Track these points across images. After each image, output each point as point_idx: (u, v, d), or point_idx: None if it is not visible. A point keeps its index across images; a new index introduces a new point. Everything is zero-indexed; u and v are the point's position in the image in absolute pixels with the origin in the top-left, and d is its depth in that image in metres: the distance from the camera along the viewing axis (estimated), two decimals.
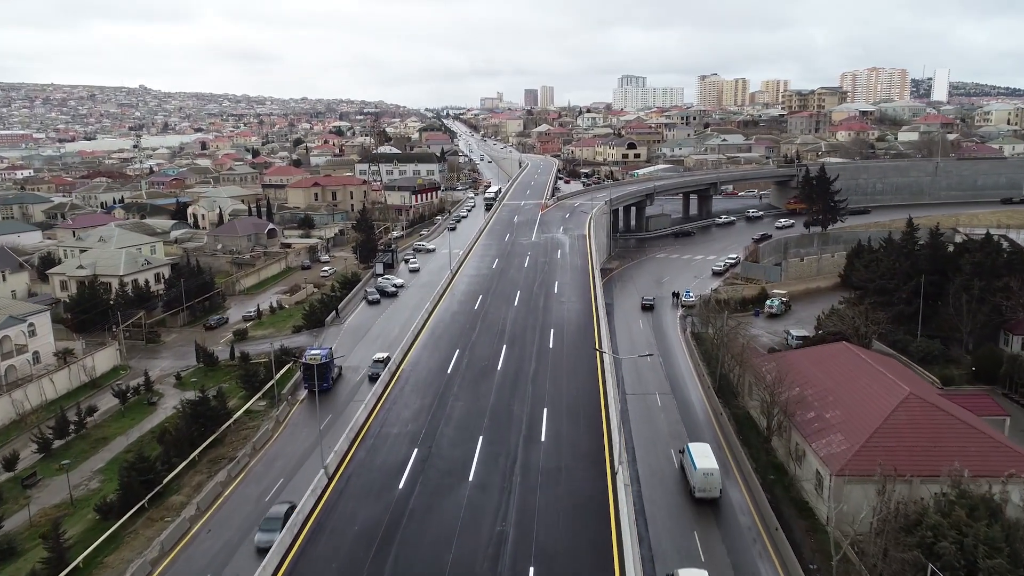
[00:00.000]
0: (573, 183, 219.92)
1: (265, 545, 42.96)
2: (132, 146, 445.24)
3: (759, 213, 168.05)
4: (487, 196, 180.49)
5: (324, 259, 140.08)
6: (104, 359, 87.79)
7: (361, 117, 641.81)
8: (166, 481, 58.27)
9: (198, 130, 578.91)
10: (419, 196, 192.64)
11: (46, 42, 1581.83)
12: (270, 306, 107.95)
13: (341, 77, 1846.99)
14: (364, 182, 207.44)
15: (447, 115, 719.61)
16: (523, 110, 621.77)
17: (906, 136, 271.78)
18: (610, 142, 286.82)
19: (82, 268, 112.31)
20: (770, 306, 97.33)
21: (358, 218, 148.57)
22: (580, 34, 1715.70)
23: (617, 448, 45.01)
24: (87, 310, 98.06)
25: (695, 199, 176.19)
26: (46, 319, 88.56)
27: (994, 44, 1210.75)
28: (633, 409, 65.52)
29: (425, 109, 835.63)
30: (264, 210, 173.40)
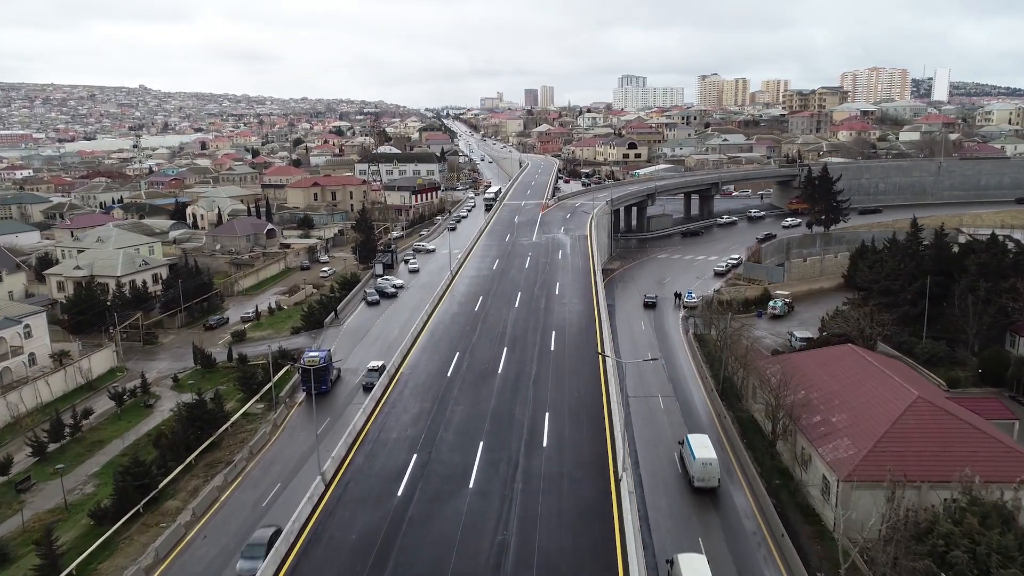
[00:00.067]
0: (573, 183, 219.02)
1: (247, 574, 40.68)
2: (132, 146, 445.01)
3: (761, 213, 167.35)
4: (487, 196, 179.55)
5: (323, 259, 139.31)
6: (101, 361, 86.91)
7: (361, 117, 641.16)
8: (162, 486, 57.40)
9: (198, 130, 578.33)
10: (419, 196, 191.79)
11: (46, 42, 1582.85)
12: (268, 307, 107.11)
13: (341, 77, 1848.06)
14: (364, 182, 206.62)
15: (447, 115, 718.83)
16: (523, 110, 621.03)
17: (907, 136, 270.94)
18: (611, 142, 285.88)
19: (79, 269, 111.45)
20: (773, 307, 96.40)
21: (358, 218, 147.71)
22: (580, 34, 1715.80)
23: (621, 453, 44.08)
24: (84, 311, 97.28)
25: (696, 199, 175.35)
26: (42, 320, 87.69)
27: (994, 44, 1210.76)
28: (635, 412, 64.61)
29: (425, 109, 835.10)
30: (263, 210, 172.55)
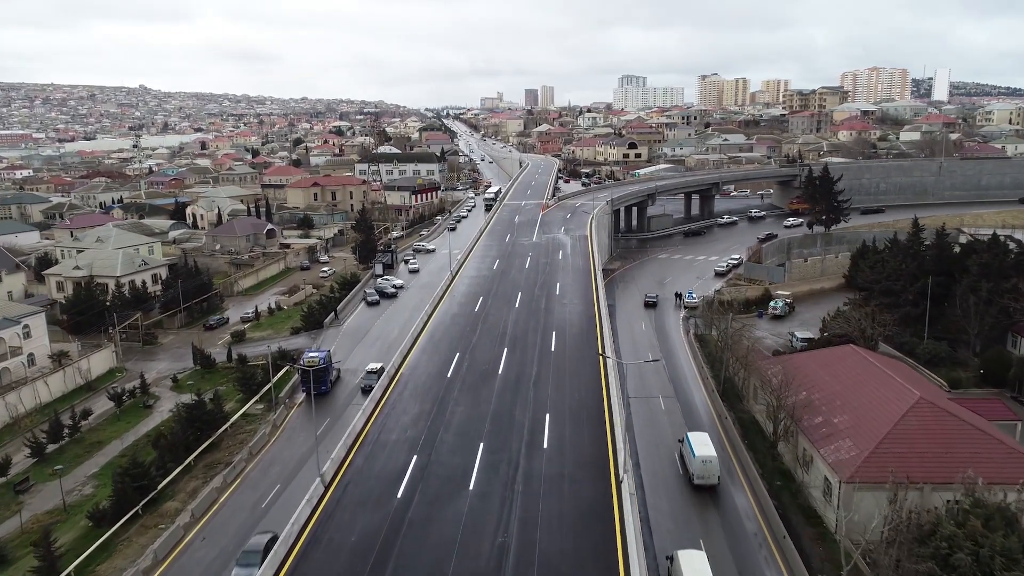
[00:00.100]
0: (574, 183, 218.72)
1: None
2: (132, 146, 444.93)
3: (761, 213, 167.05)
4: (487, 196, 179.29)
5: (323, 259, 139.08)
6: (100, 361, 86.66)
7: (361, 117, 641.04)
8: (161, 487, 57.16)
9: (198, 130, 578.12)
10: (419, 196, 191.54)
11: (46, 42, 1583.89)
12: (268, 307, 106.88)
13: (341, 77, 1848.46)
14: (364, 182, 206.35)
15: (447, 115, 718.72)
16: (523, 110, 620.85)
17: (908, 136, 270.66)
18: (611, 142, 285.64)
19: (79, 269, 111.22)
20: (774, 307, 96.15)
21: (358, 218, 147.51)
22: (580, 34, 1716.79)
23: (622, 455, 43.83)
24: (83, 311, 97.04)
25: (697, 199, 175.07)
26: (41, 321, 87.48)
27: (994, 44, 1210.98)
28: (636, 412, 64.42)
29: (425, 109, 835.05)
30: (263, 210, 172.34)
